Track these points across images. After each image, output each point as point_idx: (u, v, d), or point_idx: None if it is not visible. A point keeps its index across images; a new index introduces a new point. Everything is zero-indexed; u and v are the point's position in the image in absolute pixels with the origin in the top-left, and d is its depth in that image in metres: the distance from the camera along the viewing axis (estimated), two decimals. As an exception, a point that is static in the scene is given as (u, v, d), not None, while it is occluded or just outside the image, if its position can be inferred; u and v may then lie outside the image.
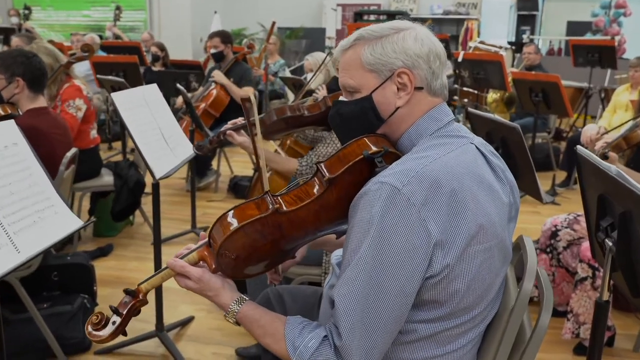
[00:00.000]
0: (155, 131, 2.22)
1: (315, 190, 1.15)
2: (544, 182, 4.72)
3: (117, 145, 6.30)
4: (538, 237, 2.77)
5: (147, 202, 3.74)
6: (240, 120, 2.18)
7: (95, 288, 2.74)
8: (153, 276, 1.24)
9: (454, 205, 1.07)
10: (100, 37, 8.29)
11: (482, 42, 6.77)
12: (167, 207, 4.37)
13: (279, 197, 1.15)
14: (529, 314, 1.25)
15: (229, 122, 2.17)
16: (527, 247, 1.20)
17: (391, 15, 9.75)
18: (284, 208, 1.13)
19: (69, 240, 3.48)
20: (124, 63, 5.51)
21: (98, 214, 3.71)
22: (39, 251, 1.42)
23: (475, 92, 5.50)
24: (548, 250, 2.64)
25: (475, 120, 2.72)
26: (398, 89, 1.18)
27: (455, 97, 6.51)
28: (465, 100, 6.11)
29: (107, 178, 3.51)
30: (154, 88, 2.39)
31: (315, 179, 1.16)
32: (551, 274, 2.64)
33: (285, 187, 3.32)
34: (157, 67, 6.29)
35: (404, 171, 1.08)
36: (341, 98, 1.26)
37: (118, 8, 8.56)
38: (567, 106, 4.48)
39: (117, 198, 3.43)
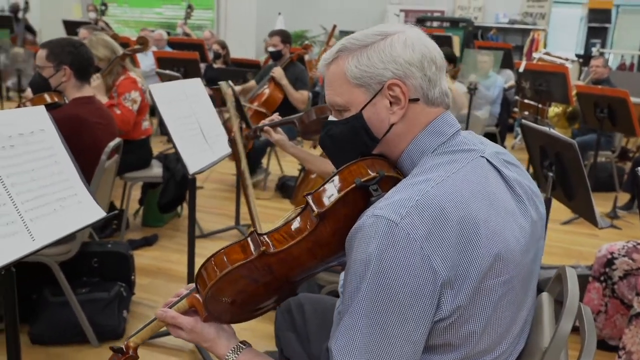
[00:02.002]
0: (194, 126, 2.16)
1: (306, 226, 0.99)
2: (605, 203, 4.40)
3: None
4: (592, 263, 2.53)
5: (196, 196, 3.72)
6: (277, 117, 2.09)
7: (133, 277, 2.72)
8: (142, 329, 1.12)
9: (464, 236, 0.90)
10: (169, 33, 8.46)
11: (547, 54, 6.42)
12: (216, 202, 4.35)
13: (266, 237, 1.01)
14: (567, 352, 1.08)
15: (266, 119, 2.08)
16: (569, 281, 1.02)
17: (454, 23, 9.46)
18: (272, 249, 0.99)
19: (117, 228, 3.51)
20: (185, 59, 5.57)
21: (147, 204, 3.73)
22: (54, 240, 1.36)
23: (537, 104, 5.19)
24: (602, 278, 2.40)
25: (528, 133, 2.51)
26: (391, 103, 1.02)
27: (515, 109, 6.20)
28: (526, 113, 5.80)
29: (156, 170, 3.51)
30: (196, 82, 2.33)
31: (306, 213, 1.00)
32: (604, 304, 2.39)
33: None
34: (217, 65, 6.32)
35: (402, 201, 0.91)
36: (331, 117, 1.11)
37: (190, 7, 8.69)
38: (634, 124, 4.13)
39: (164, 190, 3.42)
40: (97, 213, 1.54)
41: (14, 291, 1.35)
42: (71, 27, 8.38)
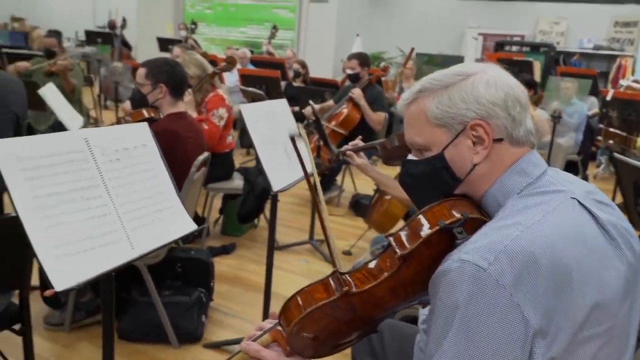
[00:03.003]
0: (279, 145, 2.20)
1: (388, 267, 0.97)
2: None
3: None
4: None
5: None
6: (360, 142, 2.10)
7: (212, 284, 2.80)
8: None
9: (556, 283, 0.85)
10: (252, 52, 8.74)
11: (636, 81, 6.08)
12: (291, 215, 4.41)
13: (348, 277, 1.00)
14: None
15: (350, 143, 2.10)
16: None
17: (535, 48, 9.16)
18: (354, 289, 0.98)
19: (198, 235, 3.63)
20: (267, 77, 5.73)
21: (227, 214, 3.84)
22: (151, 250, 1.43)
23: (624, 134, 4.91)
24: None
25: (621, 168, 2.37)
26: (474, 143, 0.98)
27: (599, 137, 5.90)
28: (611, 142, 5.50)
29: (237, 182, 3.61)
30: (282, 103, 2.38)
31: (388, 254, 0.99)
32: None
33: (404, 210, 3.16)
34: (297, 83, 6.45)
35: (490, 245, 0.87)
36: (410, 156, 1.09)
37: (275, 27, 8.94)
38: None
39: (244, 202, 3.51)
40: (189, 226, 1.60)
41: (112, 293, 1.42)
42: (164, 43, 8.85)
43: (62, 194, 1.25)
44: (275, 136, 2.20)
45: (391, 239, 0.98)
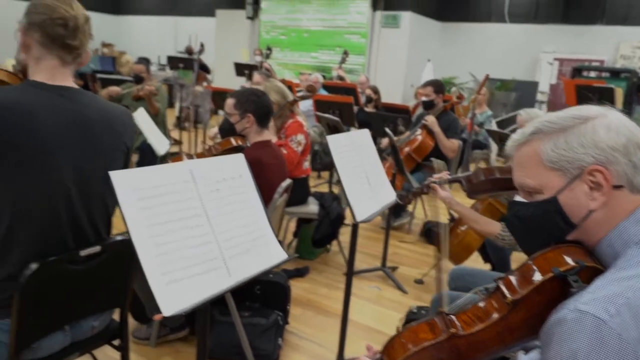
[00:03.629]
0: (362, 175, 2.22)
1: (496, 311, 0.96)
2: None
3: (325, 175, 6.63)
4: None
5: (344, 233, 3.82)
6: (446, 175, 2.08)
7: (288, 307, 2.83)
8: None
9: None
10: (324, 76, 8.88)
11: None
12: (361, 241, 4.40)
13: (454, 318, 1.00)
14: None
15: (435, 176, 2.08)
16: None
17: (616, 74, 8.77)
18: (461, 331, 0.97)
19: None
20: (340, 103, 5.80)
21: (301, 237, 3.89)
22: (246, 278, 1.47)
23: None
24: None
25: None
26: (590, 188, 0.95)
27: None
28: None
29: (312, 207, 3.66)
30: (365, 133, 2.40)
31: (496, 297, 0.97)
32: None
33: (480, 242, 3.08)
34: (369, 108, 6.48)
35: (610, 297, 0.83)
36: (517, 198, 1.06)
37: (345, 52, 9.06)
38: None
39: (318, 226, 3.55)
40: (280, 254, 1.64)
41: (207, 316, 1.48)
42: (240, 68, 9.16)
43: (170, 222, 1.32)
44: (358, 166, 2.22)
45: (500, 282, 0.97)
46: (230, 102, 2.54)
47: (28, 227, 1.38)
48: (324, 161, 6.75)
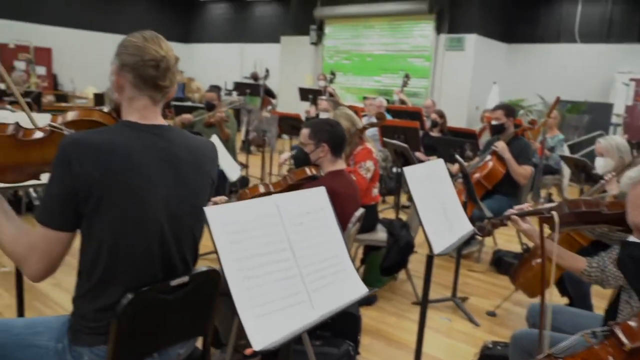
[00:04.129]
0: (438, 206, 2.20)
1: (612, 357, 0.93)
2: None
3: (390, 199, 6.58)
4: None
5: (412, 260, 3.76)
6: (527, 207, 2.01)
7: (359, 337, 2.80)
8: None
9: None
10: (388, 100, 8.88)
11: None
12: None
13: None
14: None
15: (515, 207, 2.02)
16: None
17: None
18: None
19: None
20: (406, 127, 5.77)
21: (368, 264, 3.87)
22: (329, 311, 1.48)
23: None
24: None
25: None
26: None
27: None
28: None
29: (381, 234, 3.63)
30: (440, 163, 2.38)
31: (611, 343, 0.93)
32: None
33: (558, 275, 2.95)
34: (435, 133, 6.42)
35: None
36: (631, 238, 1.00)
37: (407, 76, 9.06)
38: None
39: (387, 254, 3.51)
40: (361, 288, 1.63)
41: (290, 348, 1.49)
42: (304, 93, 9.33)
43: (259, 256, 1.35)
44: (434, 197, 2.19)
45: (616, 328, 0.93)
46: (305, 132, 2.58)
47: (124, 261, 1.44)
48: (388, 186, 6.72)
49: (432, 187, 2.21)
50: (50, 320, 1.63)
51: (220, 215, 1.32)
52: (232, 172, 3.98)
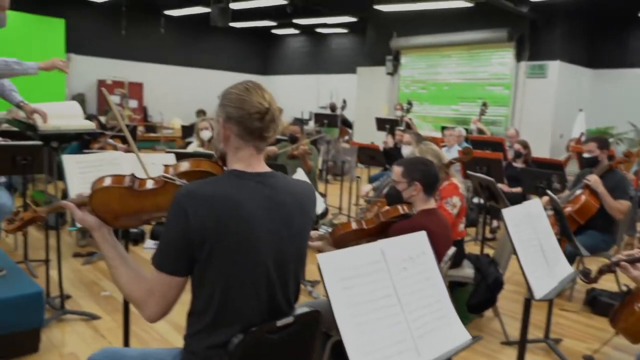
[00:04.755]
0: (537, 247, 2.13)
1: None
2: None
3: (471, 231, 6.41)
4: None
5: (499, 297, 3.62)
6: (637, 252, 1.91)
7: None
8: None
9: None
10: (466, 130, 8.74)
11: None
12: (517, 306, 4.15)
13: None
14: None
15: (624, 254, 1.92)
16: None
17: None
18: None
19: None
20: (489, 159, 5.64)
21: (455, 301, 3.77)
22: (435, 358, 1.46)
23: None
24: None
25: None
26: None
27: None
28: None
29: (467, 270, 3.55)
30: (537, 203, 2.31)
31: None
32: None
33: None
34: (518, 164, 6.22)
35: None
36: None
37: (484, 104, 8.89)
38: None
39: (475, 291, 3.42)
40: (464, 335, 1.60)
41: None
42: (381, 123, 9.36)
43: (368, 302, 1.37)
44: (533, 239, 2.13)
45: None
46: (397, 170, 2.59)
47: (235, 303, 1.51)
48: (469, 217, 6.55)
49: (530, 228, 2.15)
50: (162, 353, 1.72)
51: (332, 262, 1.35)
52: (318, 204, 4.04)
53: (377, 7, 10.49)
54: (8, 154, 4.04)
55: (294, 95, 16.28)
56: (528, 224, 2.15)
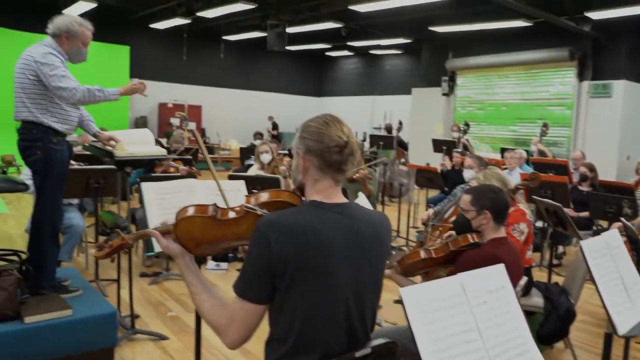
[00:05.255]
0: (617, 281, 2.05)
1: None
2: None
3: (535, 256, 6.20)
4: None
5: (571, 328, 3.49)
6: None
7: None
8: None
9: None
10: (526, 151, 8.53)
11: None
12: (587, 337, 3.98)
13: None
14: None
15: None
16: None
17: None
18: None
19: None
20: (553, 182, 5.48)
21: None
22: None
23: None
24: None
25: None
26: None
27: None
28: None
29: (536, 299, 3.44)
30: (615, 234, 2.23)
31: None
32: None
33: None
34: (584, 187, 6.01)
35: None
36: None
37: (545, 125, 8.67)
38: None
39: (545, 321, 3.30)
40: (547, 372, 1.56)
41: None
42: (437, 144, 9.27)
43: (450, 337, 1.37)
44: (613, 272, 2.06)
45: None
46: (466, 198, 2.57)
47: (314, 331, 1.53)
48: (533, 243, 6.34)
49: (609, 260, 2.08)
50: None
51: (414, 296, 1.36)
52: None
53: (433, 28, 10.48)
54: (82, 177, 4.29)
55: (348, 116, 16.26)
56: (607, 256, 2.08)
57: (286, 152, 8.41)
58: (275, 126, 15.55)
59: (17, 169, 8.81)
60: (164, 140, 10.72)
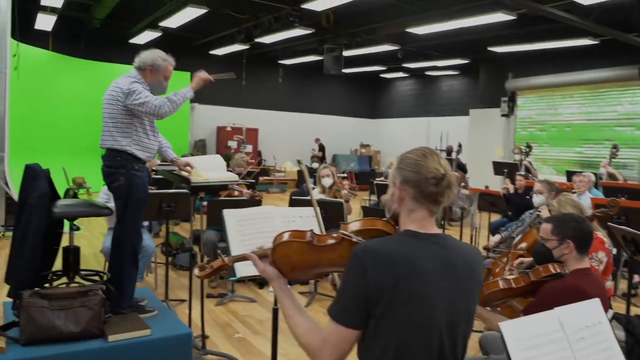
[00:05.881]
0: None
1: None
2: None
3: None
4: None
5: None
6: None
7: None
8: None
9: None
10: (595, 174, 8.22)
11: None
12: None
13: None
14: None
15: None
16: None
17: None
18: None
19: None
20: (628, 207, 5.25)
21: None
22: None
23: None
24: None
25: None
26: None
27: None
28: None
29: (617, 332, 3.30)
30: None
31: None
32: None
33: None
34: (661, 213, 5.73)
35: None
36: None
37: (615, 147, 8.34)
38: None
39: (627, 356, 3.17)
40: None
41: None
42: (499, 167, 9.09)
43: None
44: None
45: None
46: (547, 227, 2.52)
47: (407, 359, 1.54)
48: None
49: None
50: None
51: (514, 330, 1.36)
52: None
53: (492, 48, 10.37)
54: (156, 200, 4.48)
55: (403, 138, 16.34)
56: None
57: (344, 175, 8.46)
58: (321, 148, 15.68)
59: (86, 190, 9.24)
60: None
